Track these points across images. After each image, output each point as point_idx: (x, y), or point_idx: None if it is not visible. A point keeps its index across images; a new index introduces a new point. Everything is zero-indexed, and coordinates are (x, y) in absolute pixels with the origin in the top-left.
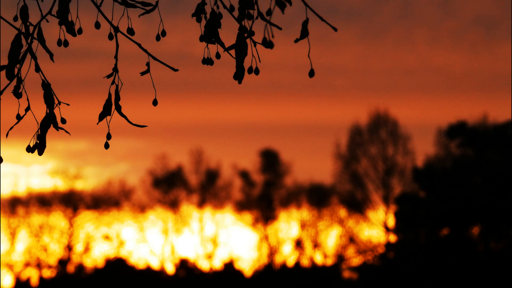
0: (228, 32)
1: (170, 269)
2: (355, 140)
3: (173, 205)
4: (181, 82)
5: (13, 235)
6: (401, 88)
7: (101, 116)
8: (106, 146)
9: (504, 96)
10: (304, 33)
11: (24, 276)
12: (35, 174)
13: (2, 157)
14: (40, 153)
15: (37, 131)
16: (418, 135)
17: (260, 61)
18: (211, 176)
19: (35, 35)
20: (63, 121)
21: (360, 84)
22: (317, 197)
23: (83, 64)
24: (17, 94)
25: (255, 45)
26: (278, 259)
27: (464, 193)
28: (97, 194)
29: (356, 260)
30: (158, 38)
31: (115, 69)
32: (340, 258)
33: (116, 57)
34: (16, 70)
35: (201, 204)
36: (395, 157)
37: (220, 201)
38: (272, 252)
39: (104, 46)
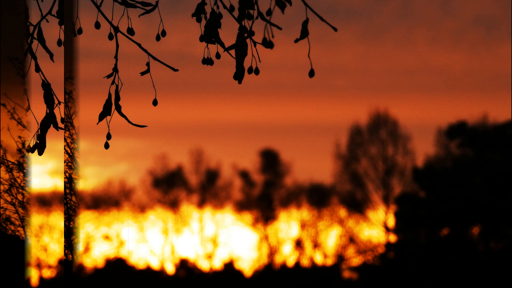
0: (228, 32)
1: (170, 269)
2: (355, 140)
3: (173, 205)
4: (181, 82)
5: None
6: (401, 88)
7: (101, 116)
8: (106, 146)
9: (504, 96)
10: (304, 33)
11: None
12: (35, 174)
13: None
14: (40, 153)
15: (37, 131)
16: (418, 135)
17: (260, 61)
18: (211, 176)
19: (35, 35)
20: (63, 121)
21: (360, 84)
22: (317, 197)
23: (83, 64)
24: None
25: (255, 45)
26: (278, 259)
27: (464, 193)
28: (97, 194)
29: (356, 260)
30: (158, 38)
31: (115, 69)
32: (340, 258)
33: (116, 57)
34: None
35: (201, 204)
36: (395, 157)
37: (220, 201)
38: (272, 252)
39: (104, 46)
